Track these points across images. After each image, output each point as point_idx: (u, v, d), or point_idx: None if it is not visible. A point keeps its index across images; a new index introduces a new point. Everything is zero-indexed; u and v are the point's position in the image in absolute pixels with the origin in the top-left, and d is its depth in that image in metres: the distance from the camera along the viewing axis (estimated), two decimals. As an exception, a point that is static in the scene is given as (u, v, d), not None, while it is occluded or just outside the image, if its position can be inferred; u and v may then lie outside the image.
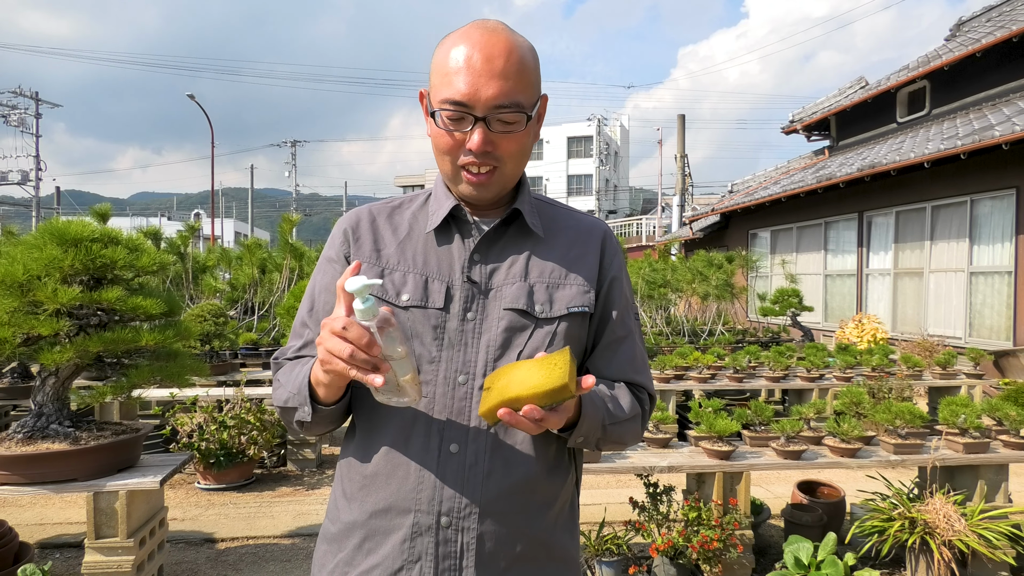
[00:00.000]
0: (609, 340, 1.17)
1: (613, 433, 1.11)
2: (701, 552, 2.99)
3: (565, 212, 1.24)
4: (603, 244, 1.21)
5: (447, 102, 1.02)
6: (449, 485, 1.04)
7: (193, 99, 27.14)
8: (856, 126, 14.02)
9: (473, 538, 1.03)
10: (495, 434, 1.06)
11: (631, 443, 1.19)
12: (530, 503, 1.08)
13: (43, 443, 2.61)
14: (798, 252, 13.55)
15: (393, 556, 1.04)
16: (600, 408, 1.08)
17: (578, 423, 1.05)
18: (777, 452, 3.26)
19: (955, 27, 13.88)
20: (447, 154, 1.08)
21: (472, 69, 1.01)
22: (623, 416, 1.12)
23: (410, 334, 1.08)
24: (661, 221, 33.69)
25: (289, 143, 45.85)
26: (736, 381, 5.89)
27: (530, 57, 1.07)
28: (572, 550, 1.17)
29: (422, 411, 1.06)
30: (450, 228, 1.15)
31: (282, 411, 1.12)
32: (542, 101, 1.11)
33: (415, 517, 1.04)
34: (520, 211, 1.15)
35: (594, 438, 1.09)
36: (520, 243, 1.15)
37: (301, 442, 5.16)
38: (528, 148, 1.11)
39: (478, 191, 1.10)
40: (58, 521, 4.07)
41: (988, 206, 9.04)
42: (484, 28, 1.05)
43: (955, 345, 8.68)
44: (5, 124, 33.54)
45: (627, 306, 1.20)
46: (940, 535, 2.96)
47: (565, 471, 1.14)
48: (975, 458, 3.27)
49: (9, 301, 2.53)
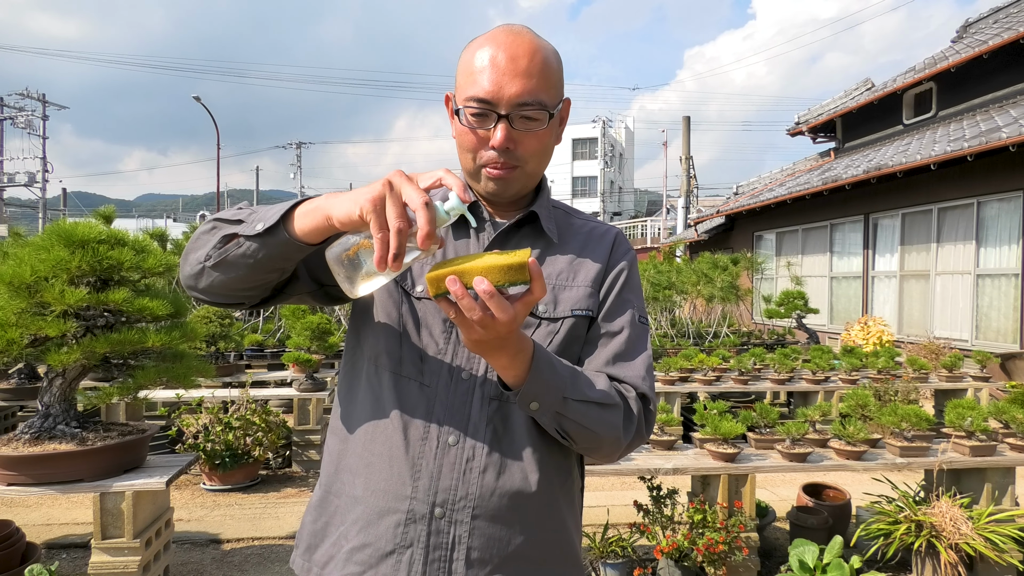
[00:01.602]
0: (596, 334, 1.14)
1: (577, 412, 1.02)
2: (706, 555, 2.99)
3: (580, 220, 1.25)
4: (612, 245, 1.21)
5: (471, 99, 1.05)
6: (445, 477, 1.04)
7: (199, 101, 27.24)
8: (862, 128, 13.98)
9: (465, 532, 1.04)
10: (494, 430, 1.06)
11: (606, 440, 1.06)
12: (527, 503, 1.07)
13: (50, 444, 2.61)
14: (803, 254, 13.52)
15: (386, 538, 1.04)
16: (562, 375, 1.01)
17: (528, 378, 0.97)
18: (782, 454, 3.26)
19: (962, 28, 13.83)
20: (470, 151, 1.09)
21: (497, 68, 1.04)
22: (592, 396, 1.03)
23: (421, 324, 1.10)
24: (666, 223, 33.65)
25: (294, 144, 45.96)
26: (741, 383, 5.88)
27: (554, 59, 1.09)
28: (572, 552, 1.16)
29: (424, 399, 1.07)
30: (466, 224, 1.16)
31: (207, 232, 1.01)
32: (565, 104, 1.13)
33: (410, 504, 1.04)
34: (537, 214, 1.16)
35: (551, 409, 1.00)
36: (532, 243, 1.16)
37: (306, 443, 5.17)
38: (550, 149, 1.13)
39: (499, 186, 1.11)
40: (65, 521, 4.08)
41: (995, 208, 9.01)
42: (509, 31, 1.08)
43: (961, 348, 8.64)
44: (12, 126, 33.77)
45: (623, 303, 1.17)
46: (947, 538, 2.95)
47: (566, 472, 1.14)
48: (982, 461, 3.26)
49: (17, 302, 2.55)
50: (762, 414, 3.51)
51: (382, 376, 1.10)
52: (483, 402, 1.07)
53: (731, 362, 6.27)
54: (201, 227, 1.05)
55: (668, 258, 17.86)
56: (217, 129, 27.97)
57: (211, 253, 0.99)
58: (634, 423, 1.10)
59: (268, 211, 0.97)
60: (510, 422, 1.08)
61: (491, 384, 1.08)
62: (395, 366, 1.09)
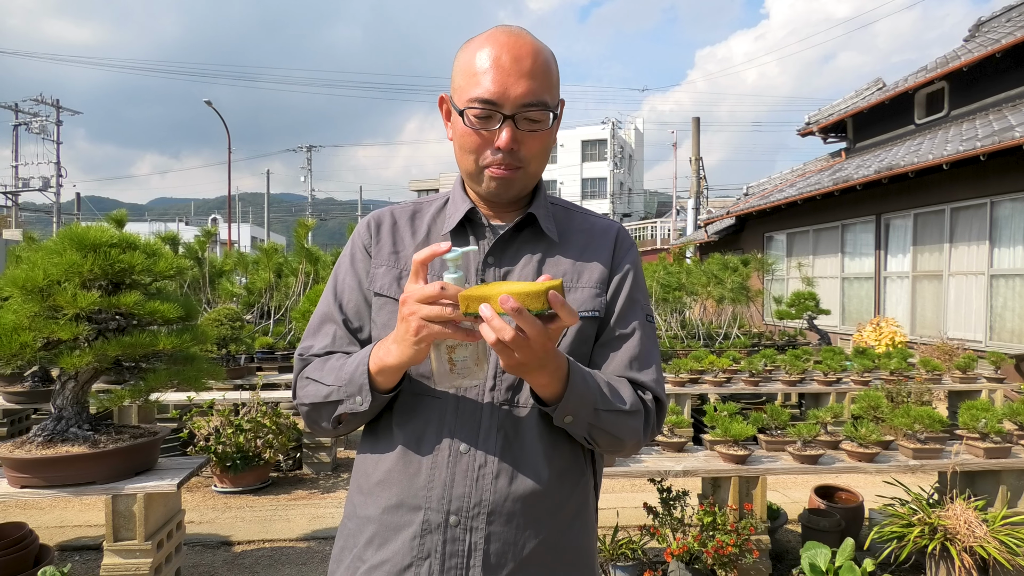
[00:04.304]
0: (610, 337, 1.15)
1: (607, 421, 1.05)
2: (716, 557, 2.97)
3: (580, 216, 1.24)
4: (615, 243, 1.21)
5: (476, 100, 1.04)
6: (459, 485, 1.04)
7: (210, 105, 27.41)
8: (873, 128, 13.89)
9: (481, 538, 1.04)
10: (505, 435, 1.07)
11: (628, 443, 1.10)
12: (540, 506, 1.07)
13: (63, 446, 2.64)
14: (815, 255, 13.44)
15: (403, 552, 1.05)
16: (593, 388, 1.04)
17: (564, 395, 1.00)
18: (794, 456, 3.23)
19: (974, 27, 13.72)
20: (472, 153, 1.09)
21: (501, 68, 1.04)
22: (621, 406, 1.06)
23: None
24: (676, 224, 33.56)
25: (305, 148, 46.18)
26: (752, 385, 5.85)
27: (552, 61, 1.10)
28: (587, 555, 1.16)
29: (435, 411, 1.08)
30: (465, 231, 1.17)
31: (315, 408, 1.11)
32: (561, 105, 1.14)
33: (425, 515, 1.05)
34: (535, 215, 1.16)
35: (584, 420, 1.04)
36: (534, 246, 1.16)
37: (316, 446, 5.18)
38: (549, 149, 1.14)
39: (501, 187, 1.11)
40: (78, 524, 4.11)
41: (1008, 208, 8.92)
42: (508, 31, 1.08)
43: (975, 349, 8.56)
44: (27, 131, 34.09)
45: (632, 304, 1.17)
46: (961, 541, 2.92)
47: (579, 475, 1.14)
48: (996, 463, 3.23)
49: (30, 306, 2.57)
50: (773, 416, 3.49)
51: (395, 395, 1.11)
52: (493, 408, 1.07)
53: (742, 364, 6.24)
54: (299, 392, 1.15)
55: (678, 259, 17.80)
56: (228, 133, 28.15)
57: (330, 427, 1.12)
58: (651, 424, 1.13)
59: (352, 383, 1.05)
60: (520, 427, 1.08)
61: (500, 390, 1.08)
62: (407, 383, 1.10)
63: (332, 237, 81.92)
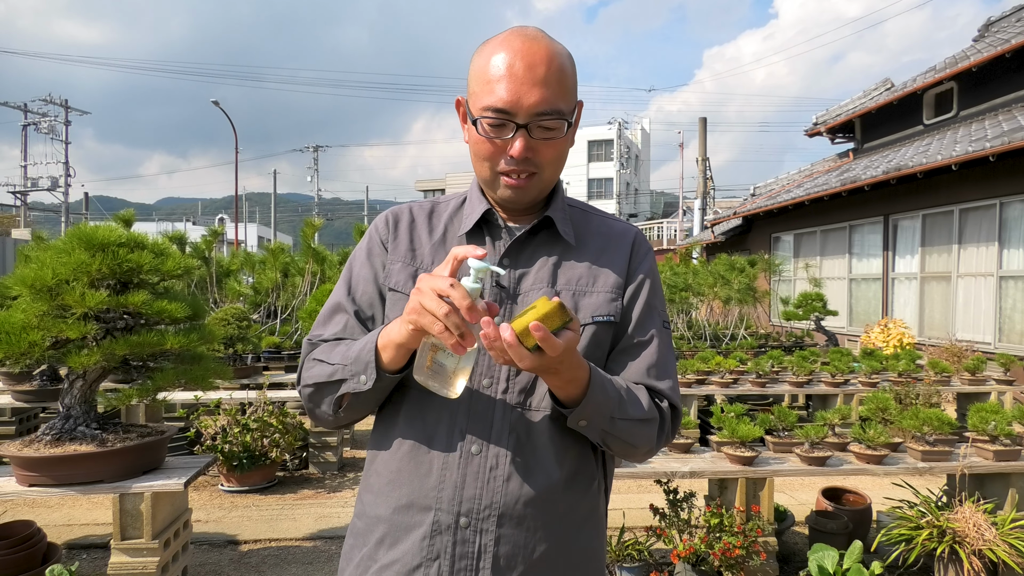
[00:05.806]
0: (627, 344, 1.14)
1: (622, 429, 1.05)
2: (723, 559, 2.96)
3: (598, 219, 1.24)
4: (632, 248, 1.20)
5: (489, 109, 1.03)
6: (469, 486, 1.04)
7: (218, 105, 27.50)
8: (881, 128, 13.82)
9: (491, 540, 1.03)
10: (517, 438, 1.06)
11: (642, 450, 1.11)
12: (551, 509, 1.07)
13: (71, 445, 2.65)
14: (822, 256, 13.38)
15: (412, 552, 1.05)
16: (612, 397, 1.04)
17: (583, 401, 1.00)
18: (801, 458, 3.22)
19: (983, 27, 13.64)
20: (487, 160, 1.09)
21: (514, 77, 1.02)
22: (637, 414, 1.06)
23: None
24: (682, 225, 33.49)
25: (311, 148, 46.28)
26: (759, 386, 5.83)
27: (569, 64, 1.08)
28: (596, 558, 1.16)
29: (447, 411, 1.07)
30: (482, 232, 1.17)
31: (317, 390, 1.10)
32: (578, 107, 1.12)
33: (435, 515, 1.04)
34: (552, 218, 1.15)
35: (599, 427, 1.04)
36: (550, 249, 1.15)
37: (323, 445, 5.19)
38: (566, 154, 1.13)
39: (516, 194, 1.11)
40: (85, 522, 4.13)
41: (1018, 209, 8.86)
42: (524, 35, 1.06)
43: (984, 350, 8.50)
44: (36, 131, 34.30)
45: (650, 311, 1.16)
46: (970, 544, 2.90)
47: (590, 477, 1.13)
48: (1006, 466, 3.20)
49: (38, 305, 2.58)
50: (780, 417, 3.47)
51: (406, 392, 1.11)
52: (505, 410, 1.07)
53: (748, 365, 6.22)
54: (304, 374, 1.14)
55: (684, 260, 17.76)
56: (235, 133, 28.23)
57: (330, 412, 1.10)
58: (665, 432, 1.13)
59: (358, 361, 1.05)
60: (532, 429, 1.07)
61: (512, 392, 1.08)
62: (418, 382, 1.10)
63: (338, 237, 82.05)
